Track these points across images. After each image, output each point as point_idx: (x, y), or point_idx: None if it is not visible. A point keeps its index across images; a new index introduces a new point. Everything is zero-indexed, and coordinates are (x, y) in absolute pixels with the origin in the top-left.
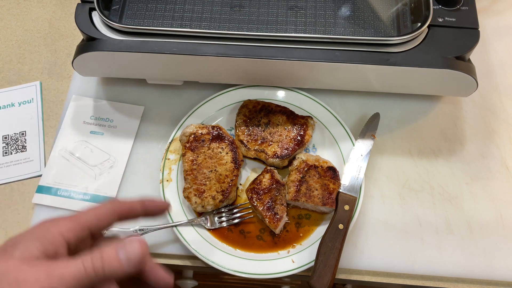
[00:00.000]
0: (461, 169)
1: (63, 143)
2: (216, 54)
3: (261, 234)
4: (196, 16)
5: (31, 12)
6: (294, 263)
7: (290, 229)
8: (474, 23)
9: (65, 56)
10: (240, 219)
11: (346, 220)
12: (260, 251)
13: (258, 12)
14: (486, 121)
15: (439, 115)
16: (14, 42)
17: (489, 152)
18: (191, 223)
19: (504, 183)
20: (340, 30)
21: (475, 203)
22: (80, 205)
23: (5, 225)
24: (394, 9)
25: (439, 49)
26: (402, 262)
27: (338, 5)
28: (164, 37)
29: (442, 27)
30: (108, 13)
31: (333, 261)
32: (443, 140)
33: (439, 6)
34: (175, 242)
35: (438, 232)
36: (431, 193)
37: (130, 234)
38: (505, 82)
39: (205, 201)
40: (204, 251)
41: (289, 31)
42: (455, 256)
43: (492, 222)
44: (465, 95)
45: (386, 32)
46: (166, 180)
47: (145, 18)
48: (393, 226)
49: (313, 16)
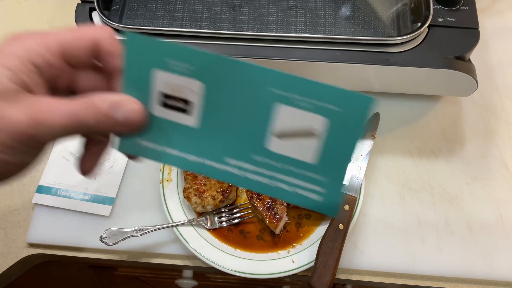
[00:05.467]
0: (461, 169)
1: (63, 143)
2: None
3: (261, 234)
4: (196, 16)
5: (31, 12)
6: (294, 263)
7: (290, 229)
8: (474, 23)
9: None
10: (240, 219)
11: (346, 220)
12: (260, 251)
13: (258, 12)
14: (486, 121)
15: (439, 115)
16: None
17: (489, 152)
18: (191, 223)
19: (504, 183)
20: (340, 30)
21: (475, 203)
22: (80, 205)
23: (5, 225)
24: (394, 9)
25: (439, 49)
26: (402, 262)
27: (338, 5)
28: (164, 37)
29: (442, 27)
30: (108, 13)
31: (333, 261)
32: (443, 140)
33: (439, 6)
34: (175, 242)
35: (438, 232)
36: (431, 193)
37: (130, 234)
38: (505, 82)
39: (205, 201)
40: (204, 251)
41: (289, 31)
42: (455, 256)
43: (492, 222)
44: (465, 95)
45: (386, 32)
46: (166, 180)
47: (145, 18)
48: (393, 226)
49: (313, 16)
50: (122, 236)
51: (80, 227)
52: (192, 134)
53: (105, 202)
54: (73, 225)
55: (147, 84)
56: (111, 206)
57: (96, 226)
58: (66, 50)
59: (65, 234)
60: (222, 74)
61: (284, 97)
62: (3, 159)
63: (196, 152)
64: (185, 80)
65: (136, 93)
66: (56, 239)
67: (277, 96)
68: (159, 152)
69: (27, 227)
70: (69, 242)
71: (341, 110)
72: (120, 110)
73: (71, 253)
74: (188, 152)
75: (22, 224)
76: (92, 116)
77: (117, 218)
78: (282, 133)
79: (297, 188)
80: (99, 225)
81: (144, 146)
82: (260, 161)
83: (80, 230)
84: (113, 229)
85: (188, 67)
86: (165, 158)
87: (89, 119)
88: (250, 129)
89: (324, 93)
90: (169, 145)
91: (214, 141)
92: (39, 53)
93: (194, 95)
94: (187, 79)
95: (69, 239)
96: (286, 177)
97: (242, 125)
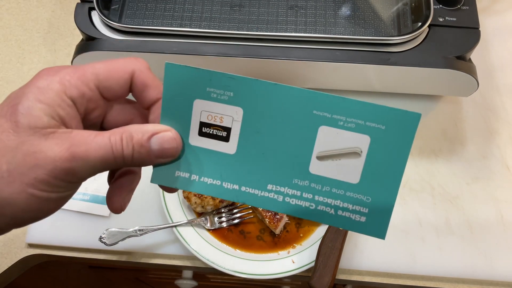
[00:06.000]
0: (462, 169)
1: None
2: (216, 53)
3: (261, 235)
4: (196, 15)
5: (31, 11)
6: (294, 264)
7: (290, 229)
8: (475, 22)
9: (65, 56)
10: (240, 220)
11: None
12: (260, 252)
13: (258, 12)
14: (487, 121)
15: (440, 115)
16: (14, 42)
17: (489, 152)
18: (191, 224)
19: (505, 183)
20: (341, 29)
21: (475, 203)
22: (79, 205)
23: None
24: (395, 9)
25: (439, 48)
26: (403, 263)
27: (338, 5)
28: (164, 36)
29: (443, 27)
30: (107, 13)
31: (333, 261)
32: (444, 140)
33: (439, 5)
34: (174, 243)
35: (438, 232)
36: (432, 193)
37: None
38: (506, 81)
39: (205, 201)
40: (204, 251)
41: (289, 31)
42: (455, 256)
43: (493, 222)
44: (466, 95)
45: (387, 32)
46: None
47: (145, 18)
48: (394, 226)
49: (313, 16)
50: (121, 236)
51: (80, 227)
52: (229, 161)
53: (104, 202)
54: (72, 225)
55: (185, 113)
56: None
57: (96, 226)
58: (101, 82)
59: (64, 234)
60: (263, 99)
61: (328, 119)
62: (42, 196)
63: (232, 179)
64: (224, 107)
65: (173, 123)
66: (56, 239)
67: (321, 118)
68: (192, 181)
69: (26, 227)
70: (69, 242)
71: (387, 127)
72: (154, 139)
73: (71, 253)
74: (223, 179)
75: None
76: (126, 146)
77: (117, 218)
78: (324, 155)
79: (340, 210)
80: (99, 225)
81: (177, 176)
82: (301, 185)
83: (79, 230)
84: (112, 229)
85: (228, 94)
86: (198, 187)
87: (125, 149)
88: (293, 153)
89: (368, 112)
90: (203, 174)
91: (253, 167)
92: (75, 85)
93: (233, 122)
94: (226, 106)
95: (69, 239)
96: (328, 199)
97: (284, 149)
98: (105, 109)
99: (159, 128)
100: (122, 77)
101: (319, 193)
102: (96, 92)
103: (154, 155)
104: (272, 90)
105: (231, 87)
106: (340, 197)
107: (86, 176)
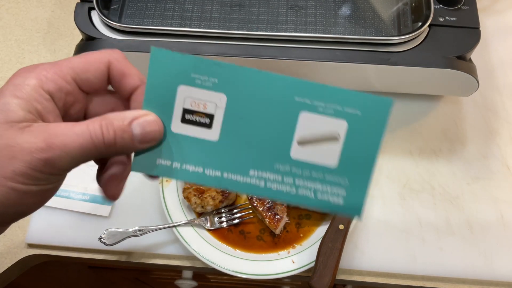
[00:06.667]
0: (462, 169)
1: None
2: (216, 53)
3: (261, 235)
4: (196, 15)
5: (30, 11)
6: (294, 264)
7: (290, 229)
8: (475, 22)
9: (65, 56)
10: (240, 220)
11: (346, 221)
12: (260, 252)
13: (258, 12)
14: (487, 121)
15: (440, 115)
16: (13, 42)
17: (490, 152)
18: (190, 224)
19: (505, 183)
20: (341, 29)
21: (476, 203)
22: (79, 206)
23: None
24: (395, 9)
25: (440, 48)
26: (403, 263)
27: (338, 5)
28: (164, 36)
29: (443, 27)
30: (107, 13)
31: (333, 261)
32: (444, 140)
33: (440, 5)
34: (174, 243)
35: (439, 233)
36: (432, 193)
37: (130, 234)
38: (506, 81)
39: (205, 201)
40: (203, 251)
41: (289, 31)
42: (456, 256)
43: (493, 223)
44: (466, 95)
45: (387, 32)
46: (166, 180)
47: (145, 18)
48: (394, 226)
49: (313, 16)
50: (121, 236)
51: (79, 227)
52: (211, 148)
53: (104, 202)
54: (72, 226)
55: (168, 99)
56: (110, 206)
57: (95, 226)
58: (78, 75)
59: (64, 235)
60: (246, 86)
61: (309, 105)
62: (21, 189)
63: (214, 166)
64: (208, 94)
65: (156, 109)
66: (55, 239)
67: (302, 105)
68: (174, 169)
69: (26, 228)
70: (68, 242)
71: (362, 113)
72: (135, 123)
73: (70, 253)
74: (205, 166)
75: (21, 225)
76: (107, 133)
77: (117, 218)
78: (305, 140)
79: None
80: (98, 226)
81: (158, 164)
82: (282, 170)
83: (79, 230)
84: (112, 230)
85: (212, 80)
86: (180, 174)
87: (105, 136)
88: (275, 139)
89: (345, 98)
90: (185, 161)
91: (235, 153)
92: (51, 80)
93: (216, 108)
94: (210, 92)
95: (68, 239)
96: (308, 183)
97: (266, 135)
98: (86, 103)
99: (139, 113)
100: (99, 68)
101: (299, 177)
102: (74, 85)
103: (137, 140)
104: (255, 77)
105: (216, 74)
106: (319, 180)
107: (67, 167)
